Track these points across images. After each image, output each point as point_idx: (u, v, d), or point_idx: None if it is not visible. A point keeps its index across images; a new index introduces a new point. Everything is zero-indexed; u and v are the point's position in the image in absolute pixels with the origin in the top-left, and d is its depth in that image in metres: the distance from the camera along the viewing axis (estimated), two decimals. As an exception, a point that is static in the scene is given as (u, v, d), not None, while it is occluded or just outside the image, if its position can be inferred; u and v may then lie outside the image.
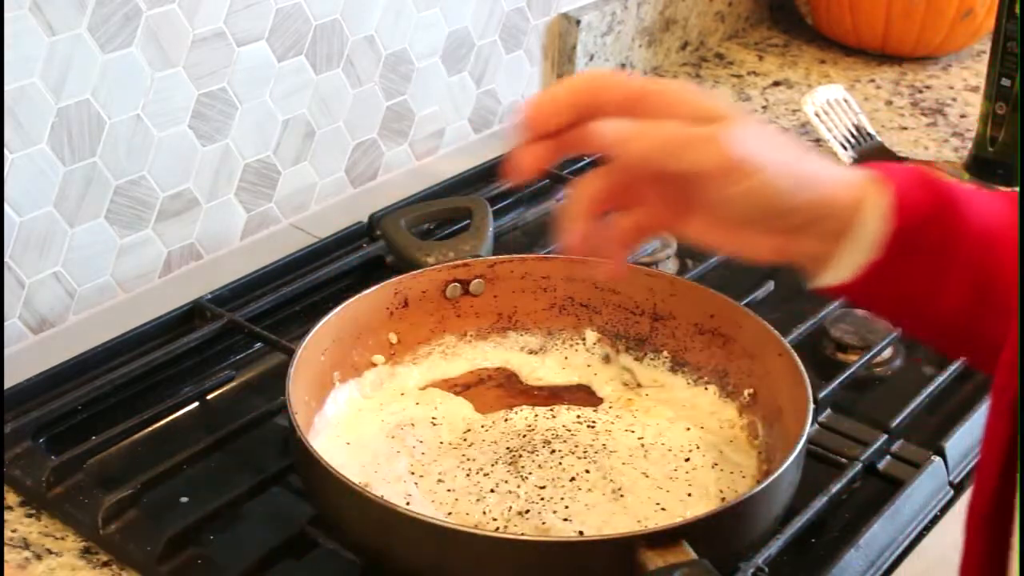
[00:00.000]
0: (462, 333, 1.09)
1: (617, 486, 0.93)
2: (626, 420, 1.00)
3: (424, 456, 0.96)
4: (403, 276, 1.07)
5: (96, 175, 1.14)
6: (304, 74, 1.28)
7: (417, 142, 1.44)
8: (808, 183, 0.71)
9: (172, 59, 1.16)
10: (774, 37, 1.82)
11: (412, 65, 1.39)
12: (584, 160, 1.45)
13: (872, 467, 0.99)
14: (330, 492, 0.87)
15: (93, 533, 0.93)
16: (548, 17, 1.54)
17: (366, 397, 1.03)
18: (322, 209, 1.36)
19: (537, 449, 0.97)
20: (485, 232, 1.17)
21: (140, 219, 1.19)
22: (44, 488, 0.95)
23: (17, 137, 1.06)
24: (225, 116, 1.22)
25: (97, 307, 1.18)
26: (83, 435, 1.01)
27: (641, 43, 1.65)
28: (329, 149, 1.34)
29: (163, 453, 0.99)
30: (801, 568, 0.91)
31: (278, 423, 1.01)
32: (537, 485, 0.93)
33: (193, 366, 1.11)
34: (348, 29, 1.30)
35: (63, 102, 1.09)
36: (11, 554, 0.92)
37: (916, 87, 1.67)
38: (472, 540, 0.83)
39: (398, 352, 1.06)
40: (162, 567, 0.89)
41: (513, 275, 1.09)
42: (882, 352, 1.13)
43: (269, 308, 1.15)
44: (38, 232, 1.11)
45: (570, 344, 1.09)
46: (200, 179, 1.23)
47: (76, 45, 1.08)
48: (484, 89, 1.49)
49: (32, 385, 1.05)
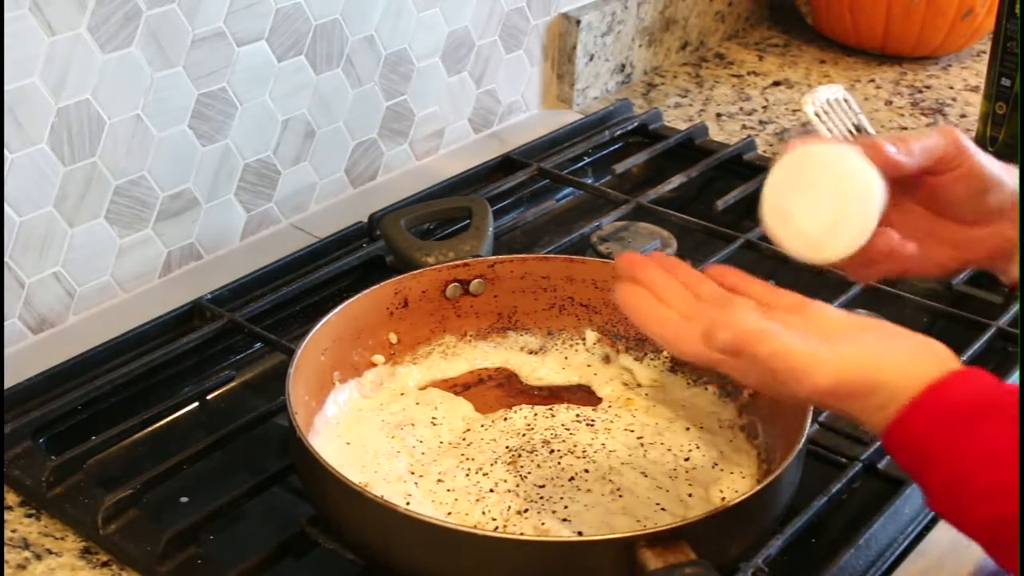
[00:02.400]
0: (462, 333, 1.09)
1: (616, 486, 0.93)
2: (625, 420, 1.00)
3: (424, 456, 0.96)
4: (403, 276, 1.07)
5: (96, 175, 1.14)
6: (304, 74, 1.28)
7: (417, 142, 1.44)
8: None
9: (172, 59, 1.16)
10: (774, 37, 1.82)
11: (412, 65, 1.39)
12: (585, 160, 1.45)
13: (872, 467, 0.99)
14: (330, 492, 0.87)
15: (93, 533, 0.93)
16: (548, 17, 1.54)
17: (366, 397, 1.03)
18: (322, 209, 1.35)
19: (536, 449, 0.97)
20: (485, 232, 1.17)
21: (140, 219, 1.19)
22: (44, 488, 0.95)
23: (17, 137, 1.06)
24: (225, 116, 1.22)
25: (97, 307, 1.18)
26: (83, 435, 1.01)
27: (641, 43, 1.65)
28: (329, 149, 1.34)
29: (163, 453, 0.99)
30: (801, 568, 0.91)
31: (278, 423, 1.01)
32: (536, 484, 0.93)
33: (193, 366, 1.11)
34: (348, 29, 1.30)
35: (63, 102, 1.09)
36: (11, 554, 0.92)
37: (916, 87, 1.67)
38: (472, 540, 0.83)
39: (398, 352, 1.06)
40: (162, 567, 0.89)
41: (513, 275, 1.09)
42: (882, 352, 1.13)
43: (269, 308, 1.15)
44: (38, 232, 1.11)
45: (570, 344, 1.09)
46: (200, 179, 1.23)
47: (76, 45, 1.08)
48: (484, 89, 1.49)
49: (32, 385, 1.05)
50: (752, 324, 0.76)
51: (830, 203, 0.82)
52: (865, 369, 0.75)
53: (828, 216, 0.82)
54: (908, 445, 0.75)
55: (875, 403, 0.75)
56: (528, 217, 1.32)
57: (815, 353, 0.75)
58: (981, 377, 0.75)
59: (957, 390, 0.74)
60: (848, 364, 0.75)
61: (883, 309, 1.17)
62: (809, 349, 0.75)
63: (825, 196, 0.82)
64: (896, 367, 0.75)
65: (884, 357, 0.76)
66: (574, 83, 1.57)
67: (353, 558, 0.89)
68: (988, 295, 1.24)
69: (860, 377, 0.75)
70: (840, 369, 0.75)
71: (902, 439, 0.75)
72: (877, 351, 0.76)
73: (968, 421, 0.72)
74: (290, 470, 0.96)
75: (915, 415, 0.74)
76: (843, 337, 0.77)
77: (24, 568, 0.91)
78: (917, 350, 0.77)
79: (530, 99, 1.56)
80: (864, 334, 0.78)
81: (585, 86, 1.59)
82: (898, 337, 0.78)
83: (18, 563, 0.91)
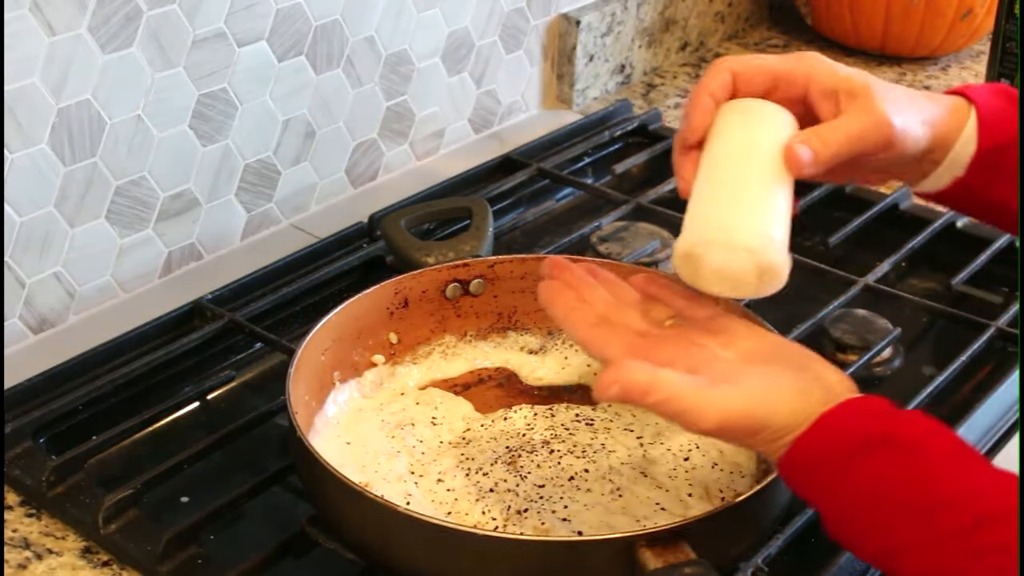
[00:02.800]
0: (462, 333, 1.09)
1: (616, 486, 0.93)
2: (625, 419, 1.00)
3: (424, 456, 0.96)
4: (403, 276, 1.07)
5: (96, 175, 1.14)
6: (304, 74, 1.28)
7: (417, 142, 1.44)
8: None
9: (172, 59, 1.16)
10: (774, 37, 1.82)
11: (412, 65, 1.39)
12: (585, 160, 1.45)
13: (872, 467, 0.99)
14: (330, 492, 0.87)
15: (93, 533, 0.93)
16: (548, 17, 1.54)
17: (366, 397, 1.03)
18: (322, 209, 1.36)
19: (536, 448, 0.97)
20: (485, 232, 1.17)
21: (140, 219, 1.19)
22: (44, 488, 0.95)
23: (17, 137, 1.06)
24: (225, 116, 1.22)
25: (97, 307, 1.18)
26: (83, 435, 1.01)
27: (641, 43, 1.65)
28: (329, 149, 1.34)
29: (163, 453, 0.99)
30: (801, 568, 0.91)
31: (278, 423, 1.01)
32: (536, 484, 0.93)
33: (193, 366, 1.11)
34: (348, 29, 1.30)
35: (63, 102, 1.09)
36: (11, 554, 0.92)
37: (916, 87, 1.67)
38: (471, 540, 0.83)
39: (398, 352, 1.06)
40: (162, 567, 0.89)
41: (513, 275, 1.09)
42: (882, 352, 1.13)
43: (269, 308, 1.15)
44: (38, 232, 1.11)
45: (570, 344, 1.09)
46: (200, 179, 1.23)
47: (76, 45, 1.08)
48: (484, 89, 1.49)
49: (32, 385, 1.05)
50: (637, 377, 0.78)
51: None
52: (749, 410, 0.77)
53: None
54: (798, 479, 0.77)
55: (763, 439, 0.77)
56: (528, 217, 1.32)
57: (700, 397, 0.77)
58: (872, 408, 0.77)
59: (845, 424, 0.76)
60: (732, 406, 0.77)
61: (883, 309, 1.18)
62: (694, 393, 0.77)
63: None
64: (784, 405, 0.77)
65: (770, 396, 0.77)
66: (574, 83, 1.57)
67: (353, 558, 0.89)
68: (988, 295, 1.24)
69: (744, 418, 0.77)
70: (725, 411, 0.77)
71: (792, 473, 0.77)
72: (764, 391, 0.78)
73: (855, 455, 0.74)
74: (290, 470, 0.96)
75: (802, 451, 0.76)
76: (734, 376, 0.79)
77: (25, 568, 0.91)
78: (807, 386, 0.78)
79: (530, 99, 1.56)
80: (758, 370, 0.80)
81: (585, 86, 1.59)
82: (793, 371, 0.80)
83: (19, 563, 0.91)
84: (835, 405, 0.76)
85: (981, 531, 0.69)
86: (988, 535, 0.69)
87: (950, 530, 0.70)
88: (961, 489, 0.71)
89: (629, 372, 0.78)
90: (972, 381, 1.11)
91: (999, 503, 0.70)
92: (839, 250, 1.28)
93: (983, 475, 0.72)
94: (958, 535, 0.70)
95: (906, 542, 0.71)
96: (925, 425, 0.75)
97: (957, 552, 0.69)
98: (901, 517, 0.72)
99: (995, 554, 0.68)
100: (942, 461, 0.73)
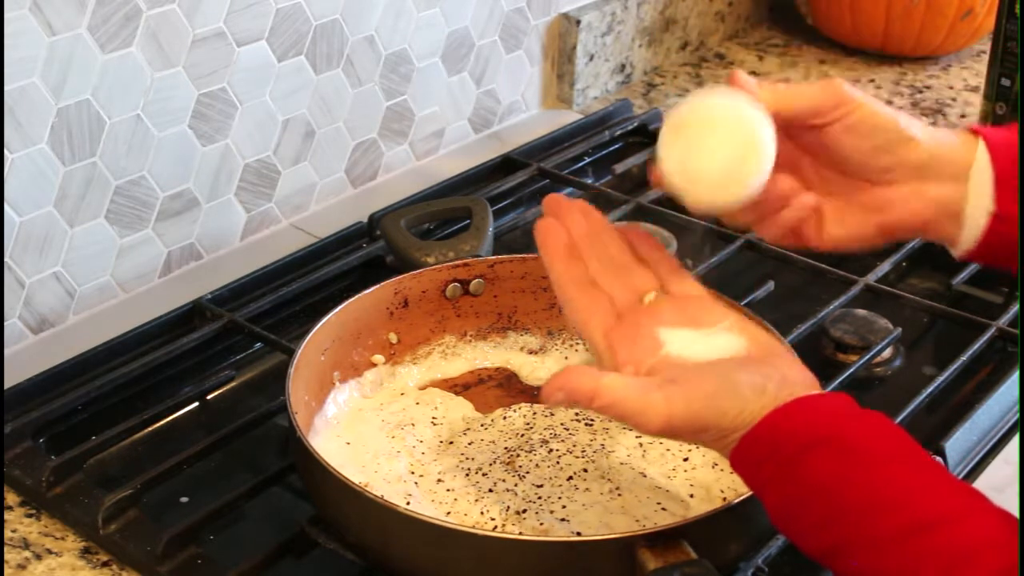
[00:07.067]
0: (462, 333, 1.09)
1: (615, 485, 0.93)
2: (626, 420, 1.00)
3: (424, 456, 0.96)
4: (403, 276, 1.07)
5: (96, 175, 1.14)
6: (304, 74, 1.28)
7: (417, 142, 1.44)
8: None
9: (172, 59, 1.16)
10: (774, 37, 1.82)
11: (412, 65, 1.39)
12: (585, 160, 1.45)
13: (872, 467, 0.99)
14: (330, 492, 0.87)
15: (93, 533, 0.93)
16: (548, 17, 1.54)
17: (366, 397, 1.03)
18: (322, 209, 1.36)
19: (535, 448, 0.97)
20: (485, 232, 1.17)
21: (140, 219, 1.19)
22: (44, 488, 0.95)
23: (17, 137, 1.06)
24: (225, 116, 1.22)
25: (97, 307, 1.18)
26: (83, 435, 1.01)
27: (641, 43, 1.65)
28: (329, 149, 1.34)
29: (163, 453, 0.99)
30: (801, 568, 0.91)
31: (278, 423, 1.01)
32: (535, 484, 0.93)
33: (193, 366, 1.11)
34: (348, 29, 1.30)
35: (63, 102, 1.09)
36: (11, 554, 0.92)
37: (916, 87, 1.67)
38: (471, 540, 0.83)
39: (398, 352, 1.06)
40: (162, 567, 0.89)
41: (513, 275, 1.09)
42: (882, 352, 1.13)
43: (269, 308, 1.15)
44: (38, 232, 1.11)
45: (570, 344, 1.09)
46: (200, 179, 1.23)
47: (76, 45, 1.08)
48: (484, 89, 1.49)
49: (32, 385, 1.05)
50: (582, 383, 0.78)
51: (722, 145, 0.82)
52: (692, 412, 0.77)
53: (722, 158, 0.82)
54: (745, 474, 0.77)
55: (709, 438, 0.78)
56: (528, 217, 1.32)
57: (643, 401, 0.77)
58: (823, 407, 0.76)
59: (791, 422, 0.75)
60: (675, 410, 0.77)
61: (883, 309, 1.18)
62: (638, 398, 0.78)
63: (716, 139, 0.82)
64: (733, 404, 0.77)
65: (719, 396, 0.77)
66: (574, 83, 1.57)
67: (353, 558, 0.89)
68: (988, 295, 1.24)
69: (687, 420, 0.77)
70: (667, 415, 0.77)
71: (740, 468, 0.77)
72: (713, 391, 0.77)
73: (798, 454, 0.74)
74: (290, 470, 0.96)
75: (746, 448, 0.76)
76: (685, 376, 0.79)
77: (24, 568, 0.91)
78: (763, 382, 0.78)
79: (530, 99, 1.56)
80: (713, 369, 0.80)
81: (585, 86, 1.59)
82: (752, 367, 0.79)
83: (18, 563, 0.91)
84: (785, 403, 0.76)
85: (920, 536, 0.69)
86: (927, 540, 0.69)
87: (888, 533, 0.70)
88: (902, 493, 0.71)
89: (574, 379, 0.79)
90: (972, 381, 1.11)
91: (941, 509, 0.70)
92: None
93: (929, 480, 0.72)
94: (896, 539, 0.69)
95: (846, 542, 0.71)
96: (876, 427, 0.75)
97: (895, 555, 0.69)
98: (840, 517, 0.72)
99: (931, 559, 0.68)
100: (887, 464, 0.73)
